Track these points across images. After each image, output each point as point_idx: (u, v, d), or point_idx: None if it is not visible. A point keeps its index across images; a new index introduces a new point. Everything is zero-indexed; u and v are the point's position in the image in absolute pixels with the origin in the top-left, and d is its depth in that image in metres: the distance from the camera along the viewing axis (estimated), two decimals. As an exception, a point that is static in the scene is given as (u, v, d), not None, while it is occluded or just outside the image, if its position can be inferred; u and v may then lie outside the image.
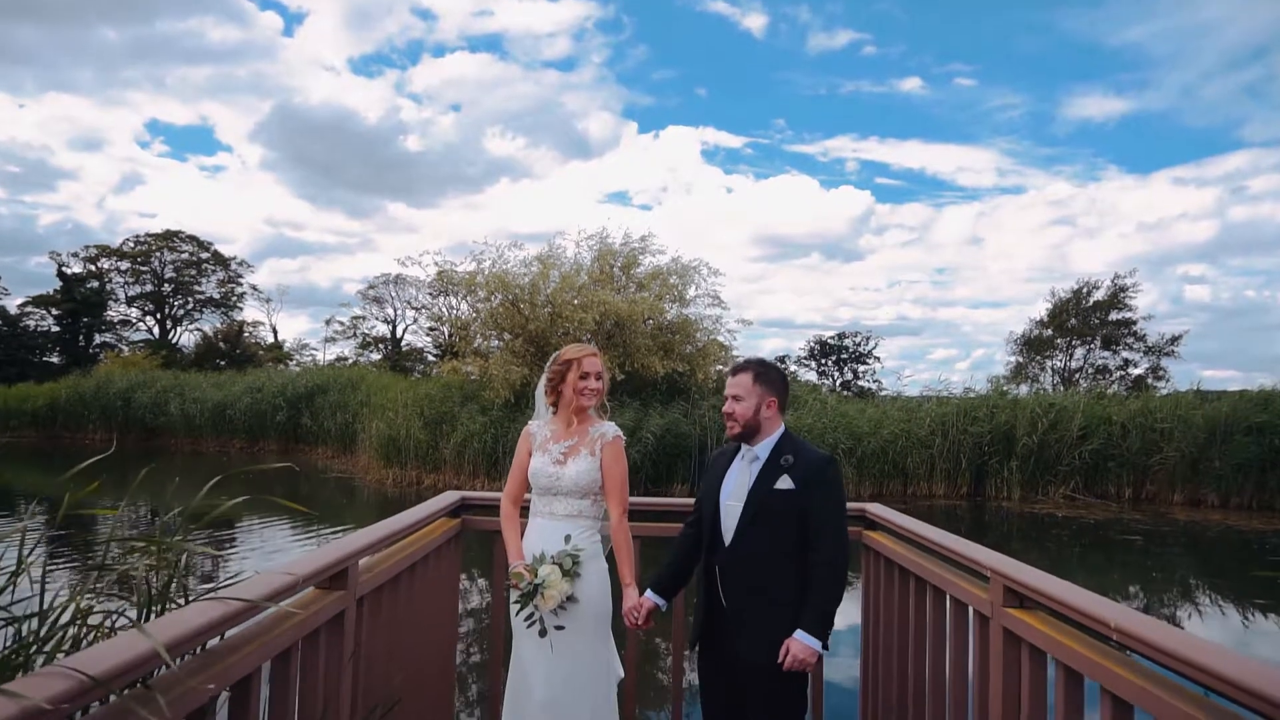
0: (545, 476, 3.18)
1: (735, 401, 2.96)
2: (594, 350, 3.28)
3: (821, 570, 2.72)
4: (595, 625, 3.12)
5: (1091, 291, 33.58)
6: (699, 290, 22.06)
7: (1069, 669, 1.95)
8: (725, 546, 2.93)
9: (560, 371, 3.23)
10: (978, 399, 21.01)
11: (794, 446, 2.90)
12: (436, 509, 3.47)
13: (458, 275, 21.38)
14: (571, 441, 3.22)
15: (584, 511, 3.20)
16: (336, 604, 2.23)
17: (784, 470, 2.83)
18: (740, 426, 2.96)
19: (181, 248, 52.61)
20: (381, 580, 2.69)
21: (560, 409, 3.29)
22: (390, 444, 20.58)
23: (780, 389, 2.99)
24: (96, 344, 50.06)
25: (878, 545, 3.55)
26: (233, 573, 10.02)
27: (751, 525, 2.86)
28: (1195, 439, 18.86)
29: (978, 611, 2.50)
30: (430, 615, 3.40)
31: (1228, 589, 11.47)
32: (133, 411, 31.28)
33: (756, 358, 3.04)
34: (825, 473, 2.81)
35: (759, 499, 2.85)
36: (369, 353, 49.64)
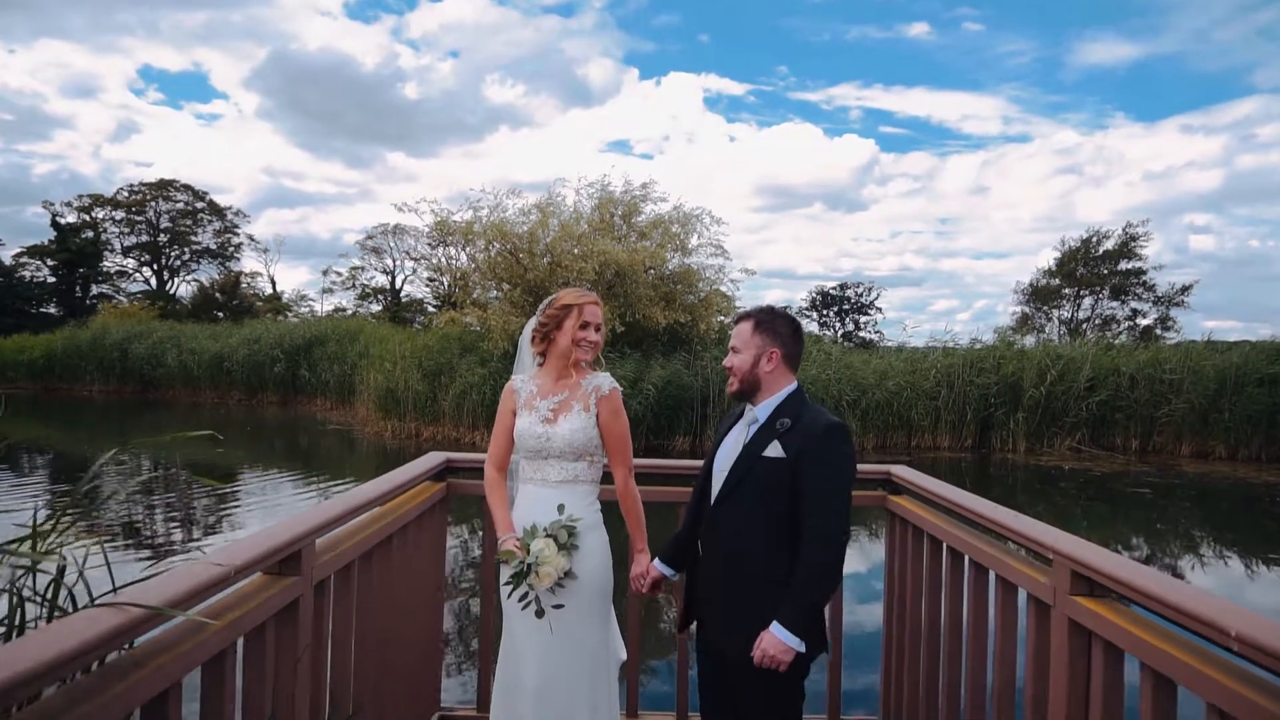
0: (533, 437, 2.82)
1: (734, 354, 2.61)
2: (595, 297, 2.91)
3: (807, 555, 2.32)
4: (596, 603, 2.81)
5: (1101, 240, 33.02)
6: (701, 239, 21.59)
7: (1159, 675, 1.62)
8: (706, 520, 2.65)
9: (556, 318, 2.85)
10: (984, 350, 20.67)
11: (797, 408, 2.49)
12: (416, 473, 3.12)
13: (454, 224, 20.87)
14: (561, 396, 2.86)
15: (580, 475, 2.85)
16: (287, 592, 1.90)
17: (777, 435, 2.44)
18: (738, 382, 2.59)
19: (176, 197, 51.90)
20: (350, 558, 2.36)
21: (549, 360, 2.92)
22: (388, 396, 20.33)
23: (787, 339, 2.57)
24: (93, 295, 49.59)
25: (904, 512, 3.21)
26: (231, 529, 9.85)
27: (731, 497, 2.51)
28: (1205, 390, 18.58)
29: (1034, 597, 2.16)
30: (411, 595, 3.08)
31: (1245, 544, 11.25)
32: (130, 363, 30.99)
33: (764, 305, 2.66)
34: (825, 441, 2.38)
35: (744, 467, 2.48)
36: (368, 304, 49.26)
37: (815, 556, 2.31)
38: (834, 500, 2.35)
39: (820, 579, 2.32)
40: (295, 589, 1.93)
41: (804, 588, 2.30)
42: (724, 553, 2.53)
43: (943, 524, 2.92)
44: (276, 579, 1.91)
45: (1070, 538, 2.04)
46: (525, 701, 2.70)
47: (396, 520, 2.84)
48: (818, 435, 2.39)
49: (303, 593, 1.96)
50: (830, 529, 2.32)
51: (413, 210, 21.91)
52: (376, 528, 2.63)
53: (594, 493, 2.90)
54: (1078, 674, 1.93)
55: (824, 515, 2.33)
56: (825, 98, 69.82)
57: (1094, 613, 1.87)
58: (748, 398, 2.60)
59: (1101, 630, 1.83)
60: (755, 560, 2.45)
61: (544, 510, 2.75)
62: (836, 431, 2.42)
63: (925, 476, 3.19)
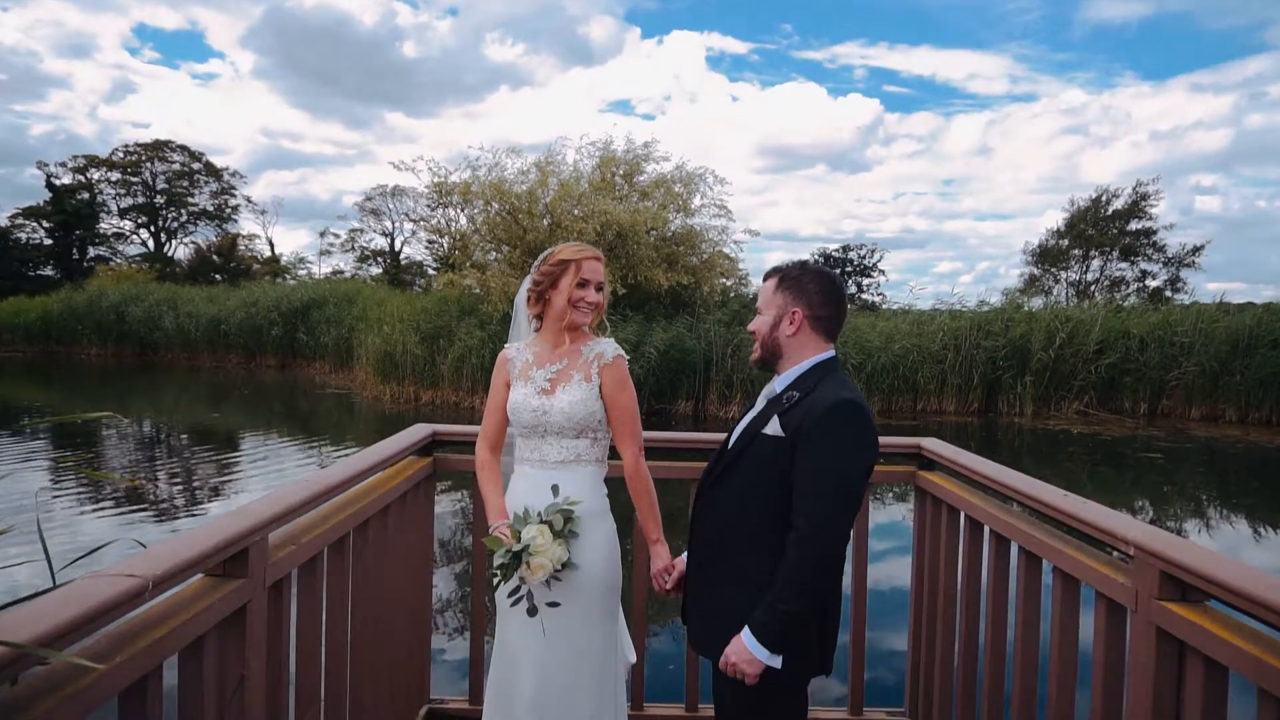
0: (529, 411, 2.51)
1: (756, 316, 2.26)
2: (596, 252, 2.59)
3: (787, 559, 1.96)
4: (600, 601, 2.50)
5: (1111, 200, 32.40)
6: (704, 200, 21.10)
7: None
8: None
9: (552, 275, 2.53)
10: (992, 312, 20.32)
11: (813, 381, 2.10)
12: (398, 448, 2.82)
13: (452, 184, 20.40)
14: (560, 365, 2.55)
15: (582, 454, 2.54)
16: (232, 597, 1.61)
17: (780, 410, 2.09)
18: (758, 349, 2.23)
19: (172, 158, 51.20)
20: (318, 548, 2.06)
21: (546, 325, 2.60)
22: (387, 359, 20.02)
23: (814, 299, 2.15)
24: (90, 257, 49.18)
25: (936, 490, 2.90)
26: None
27: (724, 479, 2.18)
28: (1217, 353, 18.26)
29: (1105, 597, 1.86)
30: (396, 582, 2.80)
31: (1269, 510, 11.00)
32: (127, 326, 30.72)
33: (796, 260, 2.26)
34: (824, 420, 1.98)
35: (742, 445, 2.15)
36: (368, 266, 48.83)
37: (793, 562, 1.95)
38: (825, 495, 1.95)
39: (798, 589, 1.93)
40: (242, 593, 1.63)
41: (778, 595, 1.95)
42: (706, 544, 2.23)
43: (982, 504, 2.61)
44: (220, 582, 1.61)
45: (1157, 532, 1.72)
46: (520, 706, 2.42)
47: (376, 501, 2.55)
48: (821, 414, 1.99)
49: (251, 597, 1.67)
50: (815, 529, 1.93)
51: (410, 169, 21.34)
52: (352, 511, 2.34)
53: (599, 474, 2.59)
54: (1165, 692, 1.64)
55: (810, 512, 1.95)
56: (829, 56, 68.87)
57: (1191, 623, 1.56)
58: (768, 367, 2.24)
59: (1202, 645, 1.53)
60: (737, 555, 2.13)
61: (542, 494, 2.44)
62: (842, 410, 1.99)
63: (961, 451, 2.87)
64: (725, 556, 2.16)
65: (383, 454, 2.67)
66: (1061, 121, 63.81)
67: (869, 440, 2.04)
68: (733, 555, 2.14)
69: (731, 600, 2.09)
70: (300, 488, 1.99)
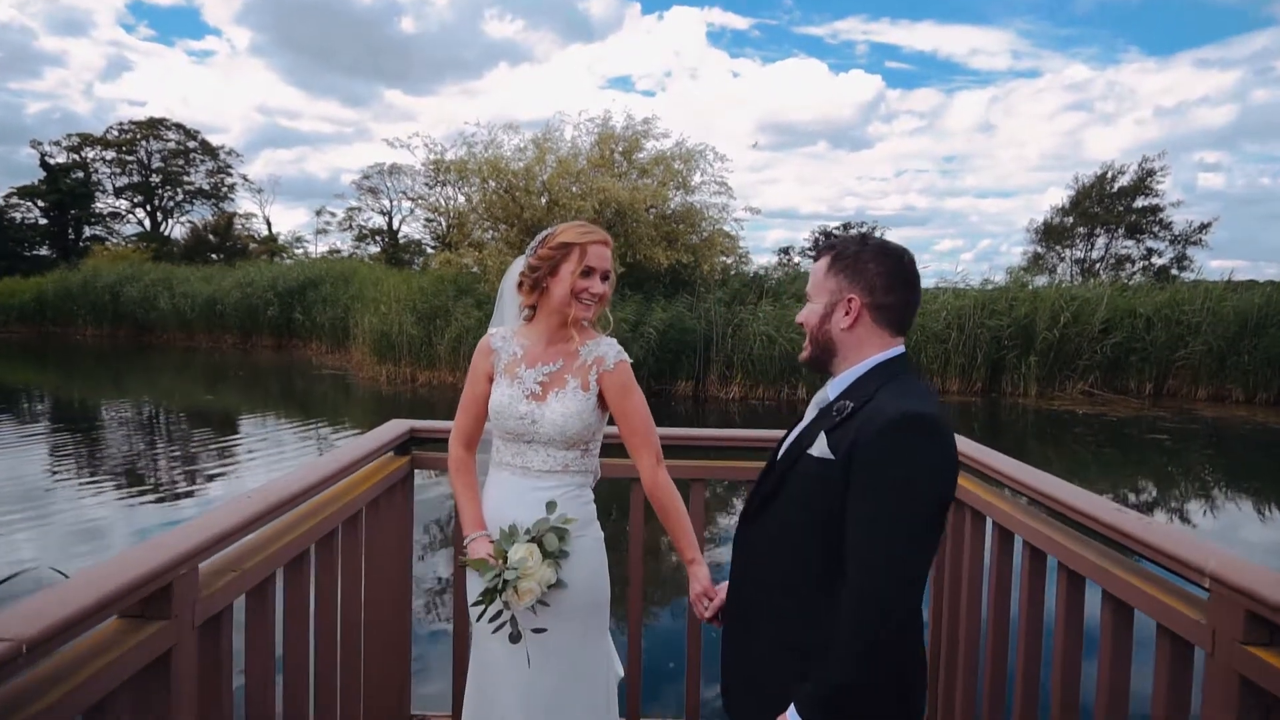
0: (515, 418, 2.22)
1: (806, 304, 1.83)
2: (603, 235, 2.26)
3: (842, 619, 1.54)
4: (589, 619, 2.26)
5: (1117, 177, 31.95)
6: (704, 177, 20.75)
7: None
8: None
9: (551, 260, 2.20)
10: (996, 291, 20.03)
11: (871, 387, 1.67)
12: (371, 448, 2.55)
13: (448, 161, 20.06)
14: (553, 367, 2.24)
15: (571, 465, 2.26)
16: (150, 644, 1.36)
17: (831, 424, 1.66)
18: (808, 346, 1.81)
19: (167, 136, 50.68)
20: (265, 573, 1.81)
21: (540, 316, 2.28)
22: (383, 339, 19.78)
23: (876, 281, 1.71)
24: (86, 237, 48.78)
25: (960, 493, 2.62)
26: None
27: (763, 511, 1.78)
28: (1224, 332, 17.99)
29: (1170, 631, 1.61)
30: (371, 596, 2.55)
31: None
32: (122, 306, 30.43)
33: (854, 233, 1.86)
34: (883, 438, 1.54)
35: (784, 468, 1.74)
36: (366, 245, 48.43)
37: (847, 623, 1.53)
38: (883, 537, 1.52)
39: (854, 660, 1.51)
40: (164, 637, 1.39)
41: (830, 665, 1.54)
42: (744, 587, 1.83)
43: (1014, 511, 2.35)
44: (136, 625, 1.37)
45: (1242, 563, 1.45)
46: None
47: (346, 508, 2.30)
48: (875, 428, 1.55)
49: (177, 640, 1.42)
50: (872, 582, 1.51)
51: (405, 147, 21.07)
52: (315, 522, 2.09)
53: (587, 485, 2.32)
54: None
55: (866, 560, 1.53)
56: (830, 32, 68.21)
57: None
58: (824, 368, 1.81)
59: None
60: (778, 609, 1.73)
61: (523, 504, 2.18)
62: (906, 425, 1.53)
63: (989, 451, 2.60)
64: (765, 608, 1.77)
65: (352, 455, 2.41)
66: (1065, 98, 63.31)
67: (942, 465, 1.58)
68: (773, 608, 1.75)
69: (772, 664, 1.72)
70: (241, 505, 1.72)
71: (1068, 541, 2.05)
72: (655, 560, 6.55)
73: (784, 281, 21.09)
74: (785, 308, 18.25)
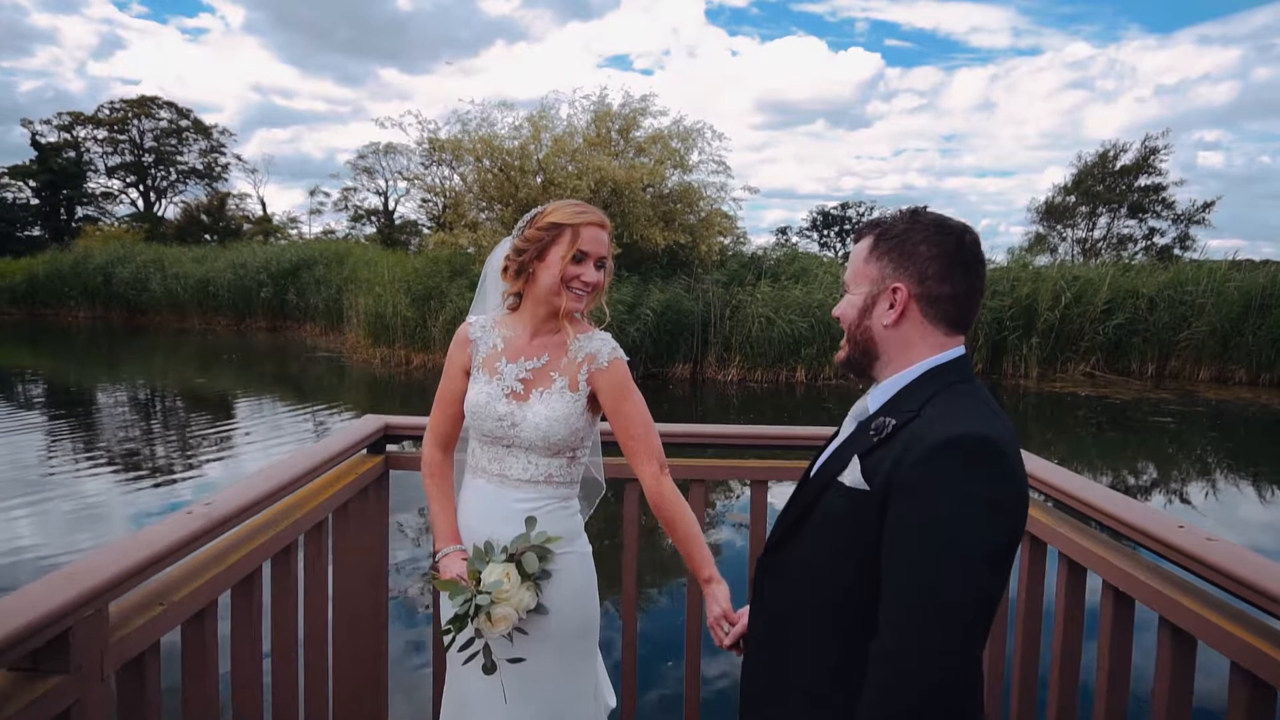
0: (493, 419, 1.98)
1: (843, 298, 1.52)
2: (600, 216, 2.01)
3: (869, 682, 1.27)
4: (573, 644, 2.03)
5: (1119, 155, 31.57)
6: (702, 155, 20.42)
7: None
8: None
9: (539, 242, 1.95)
10: (998, 271, 19.83)
11: (919, 400, 1.37)
12: (340, 447, 2.32)
13: (441, 140, 19.72)
14: (537, 363, 2.00)
15: (555, 475, 2.02)
16: (45, 703, 1.14)
17: (867, 447, 1.38)
18: (845, 345, 1.51)
19: (159, 115, 50.08)
20: (203, 602, 1.58)
21: (525, 304, 2.03)
22: (377, 321, 19.51)
23: (928, 266, 1.41)
24: (79, 217, 48.28)
25: (1036, 529, 2.26)
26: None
27: (787, 544, 1.50)
28: (1229, 313, 17.78)
29: (1243, 670, 1.37)
30: (339, 619, 2.33)
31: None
32: (114, 287, 30.10)
33: (903, 210, 1.47)
34: (931, 470, 1.25)
35: (810, 497, 1.46)
36: (362, 226, 48.02)
37: (875, 690, 1.25)
38: (926, 591, 1.22)
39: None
40: (61, 695, 1.17)
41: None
42: (767, 626, 1.55)
43: (1087, 543, 2.02)
44: (26, 681, 1.15)
45: None
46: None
47: (308, 517, 2.08)
48: (921, 452, 1.26)
49: (79, 696, 1.20)
50: (907, 646, 1.22)
51: (398, 125, 20.68)
52: (271, 534, 1.88)
53: (572, 496, 2.08)
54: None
55: (902, 620, 1.23)
56: (830, 10, 67.56)
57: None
58: (864, 372, 1.50)
59: None
60: (799, 657, 1.46)
61: (500, 517, 1.96)
62: (960, 451, 1.24)
63: (1055, 468, 2.29)
64: (786, 654, 1.49)
65: (316, 457, 2.18)
66: (1065, 76, 62.86)
67: (1006, 500, 1.25)
68: (794, 655, 1.47)
69: (788, 708, 1.47)
70: (171, 527, 1.48)
71: (1152, 580, 1.77)
72: (655, 573, 6.34)
73: (782, 262, 20.84)
74: (784, 289, 18.03)
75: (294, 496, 2.06)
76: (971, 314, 1.44)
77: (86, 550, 6.38)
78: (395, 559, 6.07)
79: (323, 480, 2.26)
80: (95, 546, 1.28)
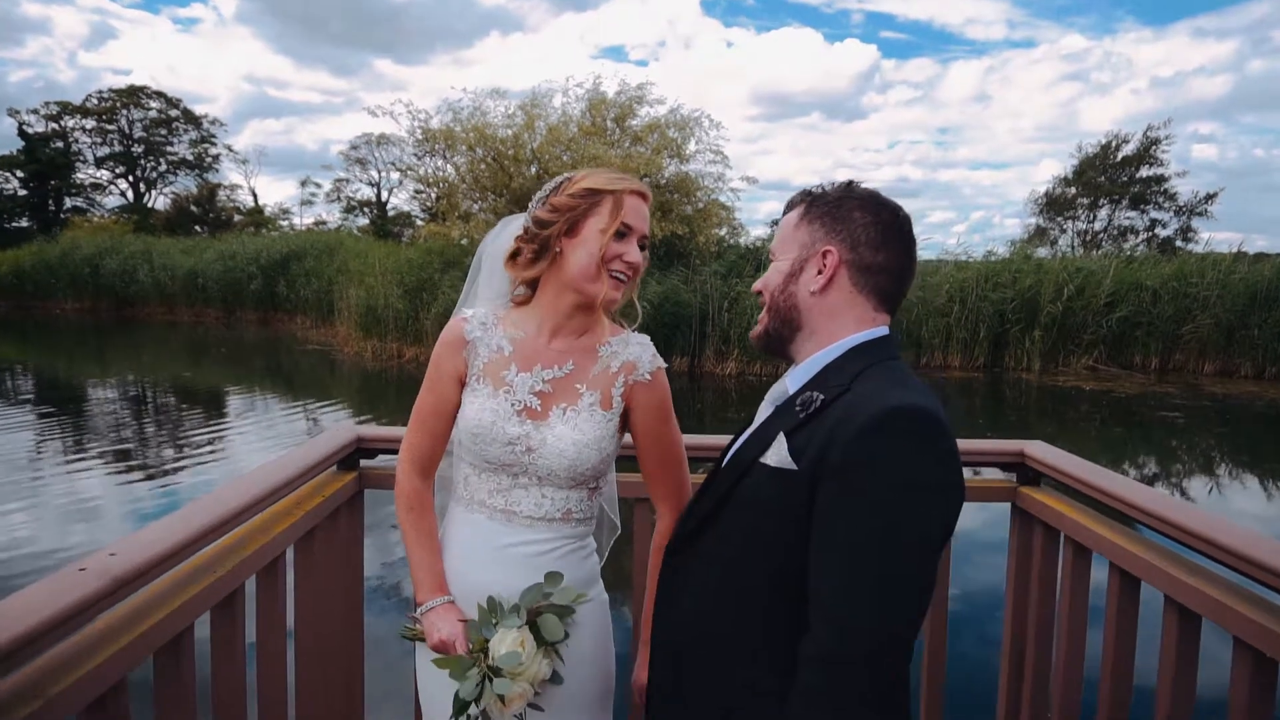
0: (500, 443, 1.58)
1: (769, 269, 1.41)
2: (642, 185, 1.62)
3: (799, 684, 1.13)
4: (597, 711, 1.66)
5: (1120, 146, 31.26)
6: (700, 145, 20.05)
7: None
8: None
9: (572, 211, 1.55)
10: (1000, 263, 19.53)
11: (847, 375, 1.25)
12: (300, 466, 1.94)
13: (434, 130, 19.31)
14: (558, 371, 1.61)
15: (574, 510, 1.63)
16: None
17: (793, 424, 1.24)
18: (765, 315, 1.40)
19: (149, 105, 49.46)
20: (116, 675, 1.24)
21: (543, 295, 1.63)
22: (369, 313, 19.14)
23: (862, 233, 1.31)
24: (67, 208, 47.71)
25: (1047, 515, 2.08)
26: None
27: (698, 539, 1.35)
28: (1234, 306, 17.50)
29: None
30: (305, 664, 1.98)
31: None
32: (103, 279, 29.66)
33: (839, 183, 1.38)
34: (866, 445, 1.12)
35: (728, 482, 1.31)
36: (354, 217, 47.58)
37: (807, 700, 1.12)
38: (864, 580, 1.09)
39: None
40: None
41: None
42: (669, 645, 1.39)
43: (1124, 542, 1.80)
44: None
45: None
46: None
47: (263, 552, 1.73)
48: (855, 426, 1.12)
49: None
50: (845, 645, 1.09)
51: (389, 114, 20.27)
52: (215, 578, 1.53)
53: (589, 534, 1.71)
54: None
55: (837, 614, 1.10)
56: (826, 1, 67.04)
57: None
58: (781, 350, 1.38)
59: None
60: (719, 672, 1.29)
61: (501, 563, 1.58)
62: (898, 423, 1.12)
63: (1082, 462, 2.05)
64: (700, 671, 1.30)
65: (274, 479, 1.80)
66: (1061, 68, 62.66)
67: (947, 478, 1.14)
68: (712, 670, 1.29)
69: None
70: (38, 600, 1.13)
71: (1195, 581, 1.52)
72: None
73: (779, 251, 20.49)
74: (783, 281, 17.68)
75: (242, 529, 1.71)
76: (902, 292, 1.36)
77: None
78: (374, 595, 5.47)
79: (283, 505, 1.91)
80: None
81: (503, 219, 1.77)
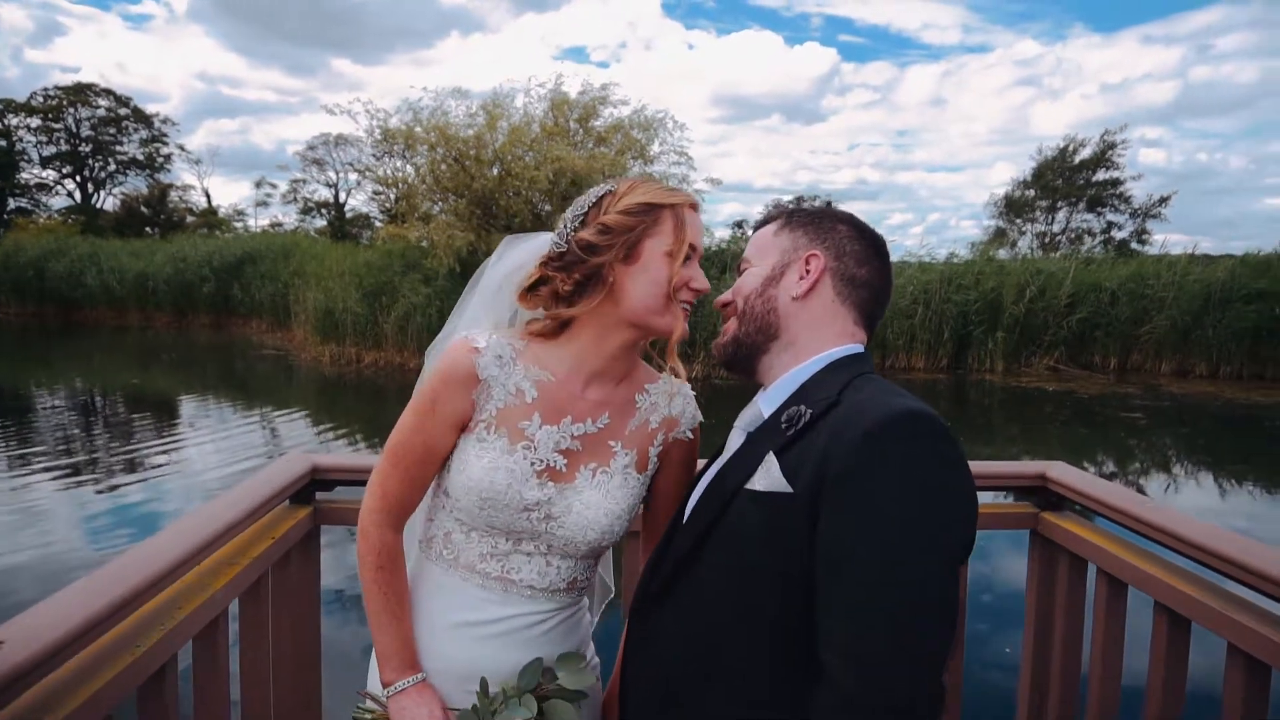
0: (516, 508, 1.31)
1: (739, 277, 1.32)
2: (693, 197, 1.38)
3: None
4: None
5: (1078, 150, 31.76)
6: (664, 146, 19.88)
7: None
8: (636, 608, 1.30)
9: (630, 231, 1.30)
10: (963, 265, 19.68)
11: (834, 386, 1.13)
12: (247, 504, 1.68)
13: (394, 130, 18.89)
14: (591, 426, 1.35)
15: (579, 578, 1.41)
16: None
17: (781, 442, 1.11)
18: (731, 326, 1.29)
19: (97, 103, 48.03)
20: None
21: (584, 331, 1.35)
22: (327, 317, 18.64)
23: (847, 245, 1.25)
24: (11, 209, 46.17)
25: (1072, 543, 1.91)
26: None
27: (677, 584, 1.19)
28: (1189, 307, 17.79)
29: None
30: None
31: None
32: (47, 283, 28.67)
33: (815, 205, 1.29)
34: (873, 453, 0.99)
35: (707, 518, 1.16)
36: (312, 219, 46.68)
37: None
38: (885, 603, 0.95)
39: None
40: None
41: None
42: (663, 674, 1.19)
43: (1172, 580, 1.64)
44: None
45: None
46: None
47: (206, 607, 1.49)
48: (857, 434, 1.00)
49: None
50: (869, 680, 0.95)
51: (347, 113, 19.79)
52: (138, 654, 1.30)
53: (586, 602, 1.50)
54: None
55: (858, 649, 0.96)
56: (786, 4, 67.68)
57: None
58: (749, 367, 1.27)
59: None
60: (726, 696, 1.12)
61: (496, 636, 1.34)
62: (904, 429, 1.00)
63: (1114, 487, 1.89)
64: (700, 708, 1.14)
65: (213, 526, 1.55)
66: (1015, 73, 63.83)
67: (962, 484, 1.02)
68: (712, 706, 1.12)
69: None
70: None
71: (1242, 618, 1.36)
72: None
73: (741, 255, 20.41)
74: (748, 283, 17.60)
75: (175, 586, 1.47)
76: (880, 313, 1.30)
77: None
78: (334, 653, 5.36)
79: (225, 553, 1.66)
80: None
81: (504, 240, 1.48)
